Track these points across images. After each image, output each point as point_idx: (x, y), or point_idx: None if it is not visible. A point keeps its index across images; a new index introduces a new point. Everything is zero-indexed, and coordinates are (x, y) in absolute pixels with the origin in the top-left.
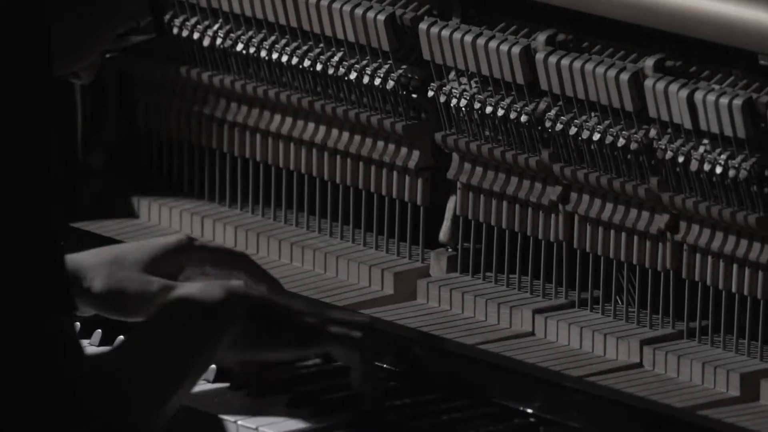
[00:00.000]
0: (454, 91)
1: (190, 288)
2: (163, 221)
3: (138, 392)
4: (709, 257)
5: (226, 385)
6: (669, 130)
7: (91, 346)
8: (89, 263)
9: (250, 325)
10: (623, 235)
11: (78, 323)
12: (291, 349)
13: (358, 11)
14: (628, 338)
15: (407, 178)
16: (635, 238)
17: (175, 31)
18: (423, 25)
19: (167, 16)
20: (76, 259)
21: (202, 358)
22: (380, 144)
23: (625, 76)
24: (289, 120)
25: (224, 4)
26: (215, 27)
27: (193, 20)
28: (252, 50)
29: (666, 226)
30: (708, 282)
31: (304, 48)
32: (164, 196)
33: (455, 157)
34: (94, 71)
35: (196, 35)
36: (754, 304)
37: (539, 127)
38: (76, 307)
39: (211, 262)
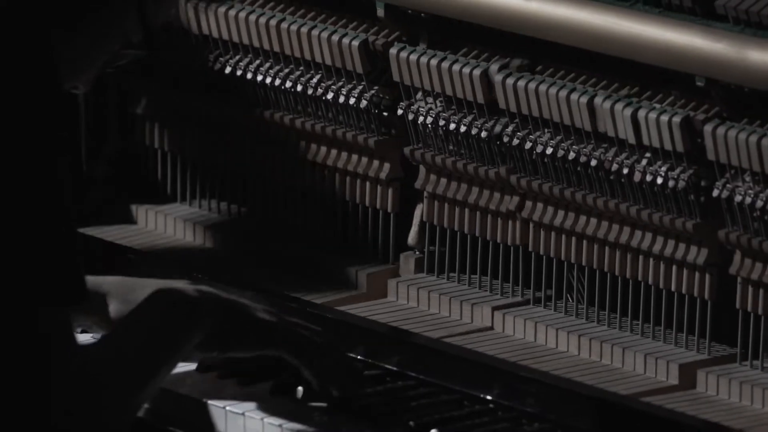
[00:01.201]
0: (421, 109)
1: (167, 290)
2: (159, 227)
3: (117, 382)
4: (651, 259)
5: (214, 374)
6: (615, 145)
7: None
8: (108, 288)
9: (216, 328)
10: (573, 239)
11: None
12: (248, 351)
13: (335, 38)
14: (577, 332)
15: (379, 188)
16: (584, 242)
17: (170, 54)
18: (393, 50)
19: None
20: (97, 282)
21: (174, 355)
22: (354, 157)
23: (575, 96)
24: (271, 134)
25: (214, 32)
26: (205, 51)
27: (186, 45)
28: (239, 73)
29: (612, 232)
30: (650, 281)
31: (286, 71)
32: (160, 204)
33: (422, 169)
34: (91, 83)
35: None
36: (692, 302)
37: (498, 142)
38: (87, 297)
39: None
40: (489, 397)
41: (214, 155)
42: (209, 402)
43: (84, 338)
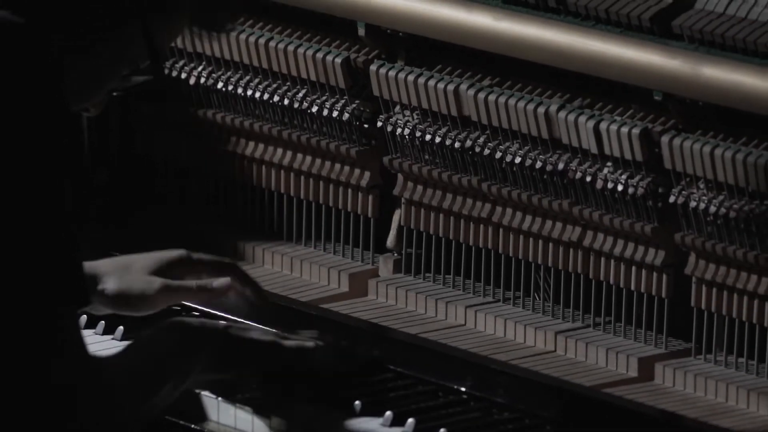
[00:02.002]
0: (398, 122)
1: (174, 321)
2: (156, 232)
3: (126, 395)
4: (612, 260)
5: None
6: (579, 155)
7: (113, 340)
8: (104, 269)
9: (216, 353)
10: (540, 242)
11: (84, 317)
12: (252, 369)
13: (319, 55)
14: (544, 328)
15: (359, 195)
16: (550, 244)
17: (166, 71)
18: (373, 67)
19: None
20: (94, 265)
21: (177, 375)
22: (337, 166)
23: (541, 110)
24: (261, 146)
25: (207, 49)
26: (200, 68)
27: (181, 62)
28: (230, 87)
29: (576, 235)
30: (611, 281)
31: (274, 86)
32: (156, 210)
33: (400, 177)
34: (101, 106)
35: (183, 75)
36: (650, 300)
37: (470, 152)
38: (90, 301)
39: (207, 272)
40: (462, 389)
41: (208, 162)
42: (202, 392)
43: (86, 334)
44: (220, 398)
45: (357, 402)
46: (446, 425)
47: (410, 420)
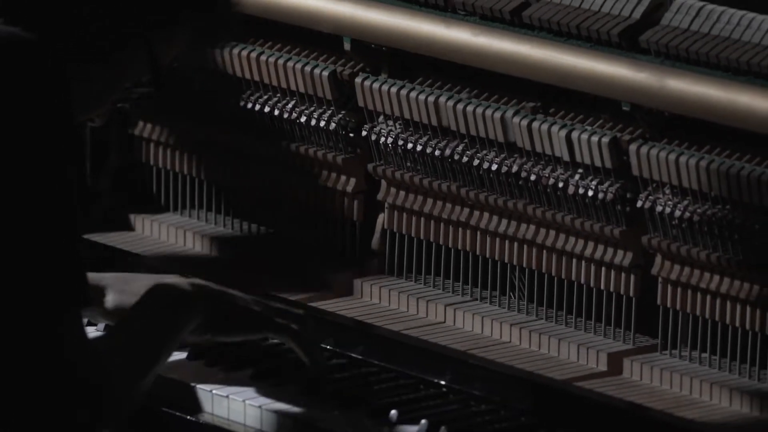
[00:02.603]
0: (382, 131)
1: (163, 280)
2: (154, 234)
3: (127, 367)
4: (583, 261)
5: (202, 362)
6: (552, 162)
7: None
8: (107, 283)
9: (210, 315)
10: (515, 244)
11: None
12: (240, 334)
13: (307, 68)
14: (519, 326)
15: (345, 200)
16: (525, 247)
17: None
18: (358, 80)
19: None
20: (97, 277)
21: (173, 340)
22: (324, 172)
23: (516, 120)
24: (252, 153)
25: (202, 62)
26: (195, 81)
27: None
28: (224, 98)
29: (549, 238)
30: (582, 281)
31: (265, 97)
32: (155, 213)
33: (383, 183)
34: (105, 116)
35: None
36: (618, 298)
37: (449, 160)
38: (90, 302)
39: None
40: (442, 382)
41: (201, 170)
42: (197, 386)
43: (90, 330)
44: (213, 391)
45: (342, 395)
46: (427, 416)
47: (393, 411)
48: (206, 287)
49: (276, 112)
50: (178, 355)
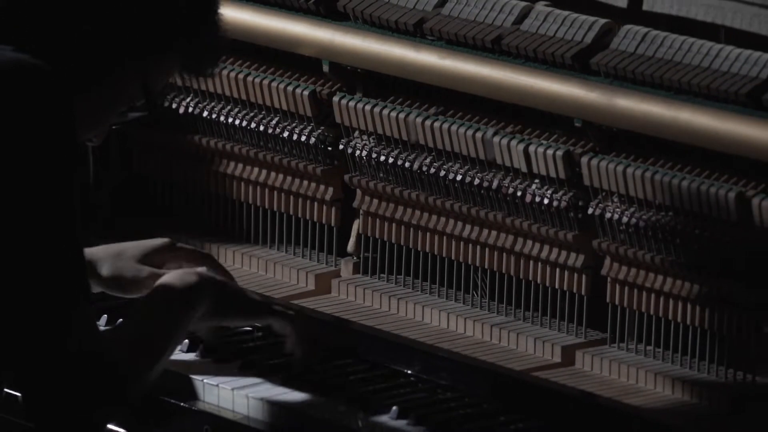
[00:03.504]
0: (357, 145)
1: (172, 275)
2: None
3: (141, 354)
4: (539, 263)
5: (195, 353)
6: (511, 173)
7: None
8: (99, 256)
9: (215, 303)
10: (478, 247)
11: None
12: (243, 320)
13: (289, 88)
14: (481, 321)
15: (324, 207)
16: (486, 250)
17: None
18: (336, 98)
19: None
20: (90, 252)
21: (182, 327)
22: (305, 182)
23: (479, 135)
24: (240, 165)
25: (194, 83)
26: (187, 99)
27: (171, 95)
28: (214, 116)
29: (508, 241)
30: (538, 281)
31: (251, 114)
32: (152, 221)
33: (359, 192)
34: (102, 136)
35: (174, 105)
36: (571, 296)
37: (418, 171)
38: (92, 298)
39: (186, 260)
40: (410, 372)
41: (193, 180)
42: (191, 376)
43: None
44: (205, 381)
45: (322, 384)
46: (397, 404)
47: (367, 398)
48: (211, 278)
49: (261, 128)
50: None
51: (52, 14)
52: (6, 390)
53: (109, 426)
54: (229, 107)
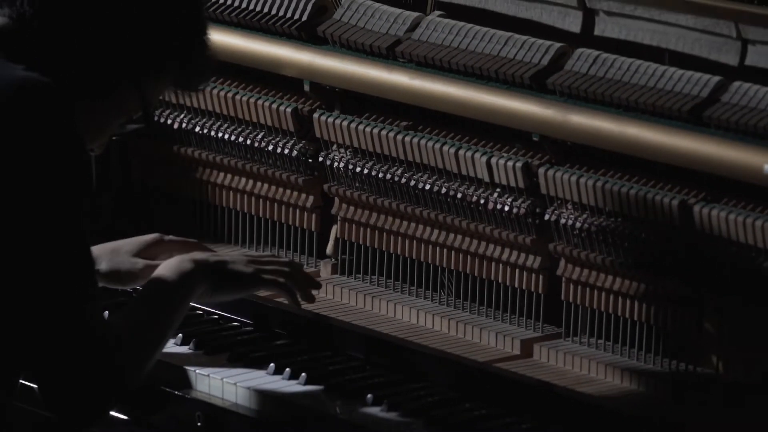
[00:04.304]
0: (336, 157)
1: (169, 264)
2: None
3: (141, 345)
4: (501, 264)
5: (188, 347)
6: (474, 183)
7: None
8: (98, 253)
9: (211, 282)
10: (445, 250)
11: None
12: (239, 293)
13: (274, 105)
14: (448, 317)
15: (305, 214)
16: (453, 252)
17: (155, 118)
18: (316, 115)
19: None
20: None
21: (182, 310)
22: (288, 191)
23: (446, 148)
24: (229, 176)
25: (186, 101)
26: (181, 115)
27: (166, 111)
28: (205, 131)
29: (473, 245)
30: (500, 280)
31: (239, 129)
32: (148, 226)
33: (337, 200)
34: (103, 147)
35: (169, 121)
36: (530, 295)
37: (391, 181)
38: (100, 293)
39: (177, 250)
40: (384, 363)
41: (186, 189)
42: (185, 367)
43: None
44: (197, 371)
45: (303, 374)
46: (372, 392)
47: (344, 387)
48: (204, 260)
49: (248, 142)
50: (170, 344)
51: (60, 38)
52: (21, 381)
53: (111, 413)
54: (219, 123)
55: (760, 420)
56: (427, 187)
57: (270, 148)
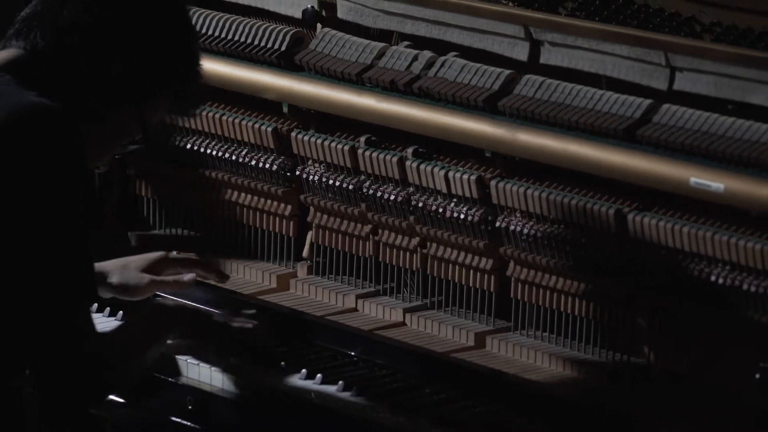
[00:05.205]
0: (311, 171)
1: (153, 307)
2: (146, 247)
3: (123, 357)
4: (457, 266)
5: (179, 342)
6: (434, 194)
7: (115, 321)
8: (110, 268)
9: (182, 328)
10: (408, 253)
11: (96, 305)
12: (203, 339)
13: (256, 125)
14: (410, 312)
15: (284, 221)
16: (414, 255)
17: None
18: (293, 134)
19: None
20: (102, 265)
21: (157, 343)
22: (269, 201)
23: (408, 163)
24: (216, 187)
25: (180, 122)
26: (174, 134)
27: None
28: (196, 147)
29: (433, 248)
30: (456, 280)
31: (225, 146)
32: (146, 230)
33: (312, 209)
34: (108, 164)
35: (164, 139)
36: (482, 293)
37: (360, 192)
38: (98, 296)
39: (180, 267)
40: (353, 353)
41: (178, 199)
42: (177, 357)
43: (96, 316)
44: (188, 359)
45: (282, 363)
46: (343, 379)
47: (319, 375)
48: (182, 306)
49: (233, 157)
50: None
51: (69, 69)
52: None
53: (111, 396)
54: (207, 141)
55: (686, 404)
56: (392, 197)
57: (253, 163)
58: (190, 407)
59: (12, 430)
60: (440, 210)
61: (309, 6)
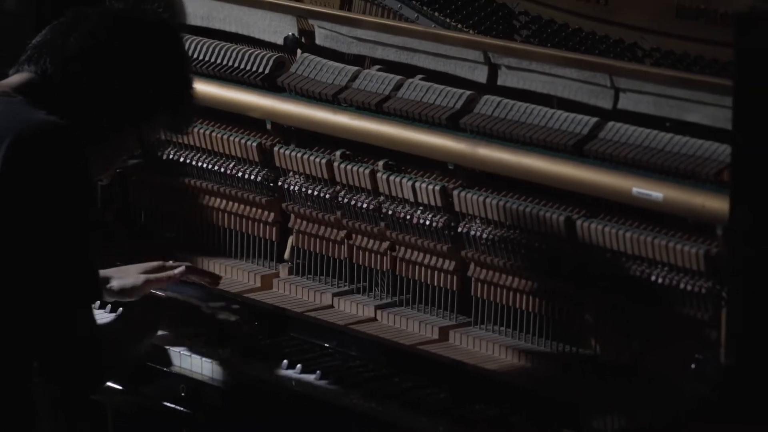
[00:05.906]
0: (292, 182)
1: (144, 301)
2: (144, 250)
3: (115, 350)
4: (424, 267)
5: (171, 335)
6: (402, 202)
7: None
8: (111, 274)
9: (172, 318)
10: (378, 255)
11: (97, 302)
12: (189, 328)
13: (242, 141)
14: (381, 309)
15: (267, 227)
16: (385, 257)
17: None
18: (276, 148)
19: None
20: (105, 272)
21: (149, 333)
22: (254, 209)
23: (379, 175)
24: (207, 196)
25: (175, 138)
26: (168, 148)
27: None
28: (187, 160)
29: (401, 251)
30: (422, 280)
31: (214, 159)
32: (143, 237)
33: (293, 216)
34: (110, 178)
35: (159, 153)
36: (446, 291)
37: (335, 200)
38: (101, 295)
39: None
40: (329, 346)
41: (173, 207)
42: (170, 348)
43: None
44: (180, 351)
45: (266, 354)
46: (320, 369)
47: (299, 365)
48: (173, 299)
49: (222, 169)
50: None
51: (76, 92)
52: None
53: (108, 384)
54: (198, 154)
55: (629, 391)
56: (365, 205)
57: (239, 174)
58: (183, 394)
59: (23, 418)
60: (408, 217)
61: (290, 33)
